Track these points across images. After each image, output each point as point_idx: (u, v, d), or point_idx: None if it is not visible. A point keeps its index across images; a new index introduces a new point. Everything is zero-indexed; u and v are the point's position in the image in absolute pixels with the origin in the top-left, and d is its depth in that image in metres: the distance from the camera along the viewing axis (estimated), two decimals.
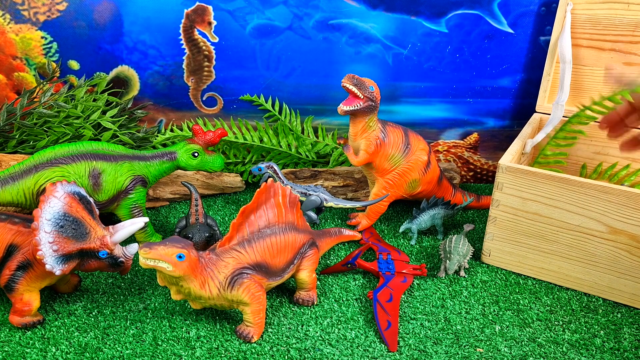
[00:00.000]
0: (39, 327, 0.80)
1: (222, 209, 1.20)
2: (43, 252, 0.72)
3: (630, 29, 1.05)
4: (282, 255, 0.81)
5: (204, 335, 0.80)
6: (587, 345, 0.80)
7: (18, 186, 0.89)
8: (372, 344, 0.79)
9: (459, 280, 0.95)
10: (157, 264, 0.70)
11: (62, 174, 0.90)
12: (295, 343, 0.79)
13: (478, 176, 1.36)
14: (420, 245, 1.06)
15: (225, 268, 0.75)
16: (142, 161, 0.98)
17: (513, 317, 0.86)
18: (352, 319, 0.84)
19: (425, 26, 1.19)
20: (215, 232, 0.98)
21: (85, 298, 0.88)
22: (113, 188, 0.94)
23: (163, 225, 1.12)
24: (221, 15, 1.18)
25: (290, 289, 0.91)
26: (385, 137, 1.03)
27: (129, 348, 0.77)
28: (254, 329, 0.78)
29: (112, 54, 1.21)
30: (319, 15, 1.18)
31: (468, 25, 1.18)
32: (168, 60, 1.22)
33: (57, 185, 0.76)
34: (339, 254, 1.03)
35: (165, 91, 1.26)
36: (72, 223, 0.75)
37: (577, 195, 0.85)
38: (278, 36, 1.21)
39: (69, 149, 0.92)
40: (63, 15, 1.16)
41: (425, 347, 0.79)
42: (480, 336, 0.81)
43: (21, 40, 1.18)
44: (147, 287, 0.91)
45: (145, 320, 0.83)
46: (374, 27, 1.19)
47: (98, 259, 0.77)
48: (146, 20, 1.18)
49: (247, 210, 0.79)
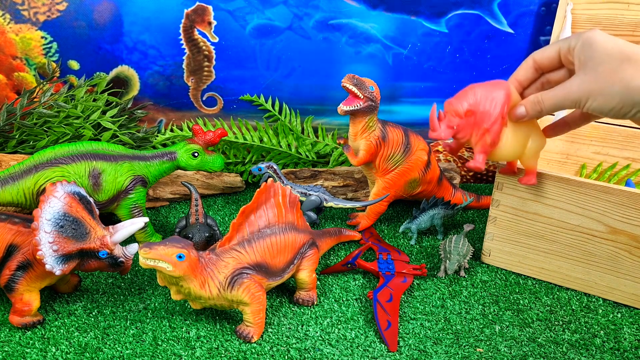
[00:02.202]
0: (39, 327, 0.80)
1: (222, 209, 1.19)
2: (43, 252, 0.72)
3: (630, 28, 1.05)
4: (282, 255, 0.81)
5: (204, 335, 0.80)
6: (587, 345, 0.80)
7: (18, 186, 0.89)
8: (372, 344, 0.79)
9: (458, 280, 0.95)
10: (157, 264, 0.70)
11: (62, 174, 0.90)
12: (295, 343, 0.79)
13: (478, 176, 1.36)
14: (420, 245, 1.06)
15: (225, 268, 0.75)
16: (142, 161, 0.98)
17: (513, 317, 0.86)
18: (352, 319, 0.84)
19: (425, 26, 1.19)
20: (215, 232, 0.98)
21: (85, 298, 0.88)
22: (113, 188, 0.94)
23: (163, 225, 1.12)
24: (221, 15, 1.18)
25: (290, 289, 0.91)
26: (385, 137, 1.03)
27: (129, 348, 0.77)
28: (254, 329, 0.78)
29: (112, 54, 1.21)
30: (319, 15, 1.18)
31: (468, 25, 1.18)
32: (168, 60, 1.22)
33: (57, 185, 0.76)
34: (339, 254, 1.03)
35: (165, 91, 1.26)
36: (72, 223, 0.75)
37: (577, 195, 0.85)
38: (278, 36, 1.21)
39: (69, 149, 0.92)
40: (63, 15, 1.16)
41: (425, 347, 0.79)
42: (480, 336, 0.81)
43: (21, 40, 1.18)
44: (147, 287, 0.91)
45: (145, 320, 0.83)
46: (374, 27, 1.19)
47: (98, 259, 0.77)
48: (146, 20, 1.18)
49: (247, 210, 0.78)
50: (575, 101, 0.65)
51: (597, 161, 1.17)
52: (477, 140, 0.74)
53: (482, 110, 0.72)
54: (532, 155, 0.79)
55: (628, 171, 1.14)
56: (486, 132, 0.73)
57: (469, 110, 0.72)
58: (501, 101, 0.72)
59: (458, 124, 0.73)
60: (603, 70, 0.61)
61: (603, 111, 0.63)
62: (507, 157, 0.77)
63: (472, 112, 0.72)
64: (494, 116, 0.72)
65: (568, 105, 0.66)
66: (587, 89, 0.63)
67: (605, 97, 0.62)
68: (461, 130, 0.74)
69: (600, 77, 0.61)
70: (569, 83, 0.66)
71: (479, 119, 0.73)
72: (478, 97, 0.72)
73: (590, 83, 0.62)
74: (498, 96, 0.72)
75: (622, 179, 1.15)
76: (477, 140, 0.74)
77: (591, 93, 0.63)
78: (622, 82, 0.60)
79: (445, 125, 0.74)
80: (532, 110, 0.71)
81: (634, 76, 0.59)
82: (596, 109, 0.64)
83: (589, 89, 0.63)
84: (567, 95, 0.66)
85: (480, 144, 0.74)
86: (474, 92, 0.73)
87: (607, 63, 0.61)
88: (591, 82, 0.62)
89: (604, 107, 0.63)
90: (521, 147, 0.76)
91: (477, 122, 0.73)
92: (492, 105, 0.72)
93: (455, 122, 0.73)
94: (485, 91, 0.72)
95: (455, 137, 0.75)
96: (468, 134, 0.74)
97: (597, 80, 0.62)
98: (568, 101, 0.66)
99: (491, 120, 0.72)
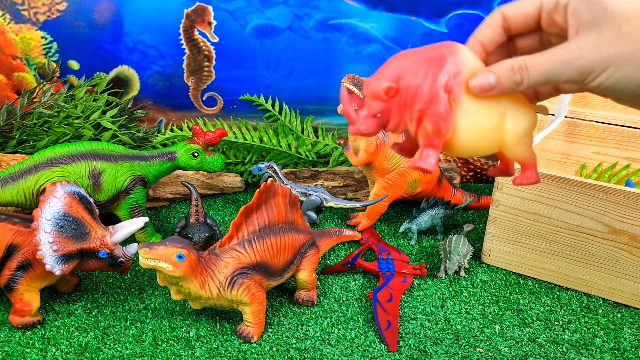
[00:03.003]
0: (39, 327, 0.80)
1: (222, 209, 1.19)
2: (43, 252, 0.72)
3: None
4: (282, 255, 0.81)
5: (204, 335, 0.80)
6: (587, 345, 0.80)
7: (18, 186, 0.89)
8: (372, 344, 0.79)
9: (459, 280, 0.95)
10: (157, 264, 0.70)
11: (62, 174, 0.90)
12: (295, 343, 0.79)
13: (478, 176, 1.36)
14: (420, 245, 1.06)
15: (225, 268, 0.75)
16: (142, 161, 0.98)
17: (513, 317, 0.86)
18: (352, 319, 0.84)
19: (425, 26, 1.19)
20: (215, 232, 0.98)
21: (85, 298, 0.87)
22: (113, 188, 0.94)
23: (163, 225, 1.12)
24: (221, 15, 1.18)
25: (290, 289, 0.91)
26: (385, 137, 1.03)
27: (129, 348, 0.77)
28: (254, 329, 0.78)
29: (112, 54, 1.21)
30: (319, 15, 1.18)
31: (468, 25, 1.18)
32: (168, 60, 1.22)
33: (57, 185, 0.76)
34: (339, 254, 1.03)
35: (165, 91, 1.26)
36: (72, 223, 0.75)
37: (577, 195, 0.85)
38: (278, 36, 1.21)
39: (68, 149, 0.92)
40: (63, 15, 1.16)
41: (425, 347, 0.79)
42: (480, 336, 0.81)
43: (21, 40, 1.18)
44: (147, 287, 0.91)
45: (145, 320, 0.83)
46: (374, 27, 1.19)
47: (98, 259, 0.77)
48: (146, 20, 1.18)
49: (247, 210, 0.78)
50: (583, 71, 0.44)
51: (597, 161, 1.17)
52: (415, 129, 0.51)
53: (409, 85, 0.49)
54: (517, 141, 0.52)
55: (628, 171, 1.14)
56: (423, 117, 0.49)
57: (390, 88, 0.49)
58: (440, 69, 0.48)
59: (382, 110, 0.51)
60: (631, 29, 0.43)
61: (628, 87, 0.44)
62: (475, 150, 0.52)
63: (394, 89, 0.49)
64: (429, 92, 0.48)
65: (568, 75, 0.45)
66: (606, 53, 0.44)
67: (636, 66, 0.43)
68: (388, 118, 0.51)
69: (628, 38, 0.43)
70: (574, 44, 0.45)
71: (409, 99, 0.49)
72: (404, 67, 0.49)
73: (612, 45, 0.43)
74: (435, 62, 0.49)
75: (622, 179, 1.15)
76: (414, 130, 0.51)
77: (615, 59, 0.44)
78: None
79: (367, 114, 0.51)
80: (508, 81, 0.48)
81: None
82: (617, 83, 0.45)
83: (609, 53, 0.44)
84: (571, 60, 0.44)
85: (422, 136, 0.50)
86: (399, 61, 0.50)
87: (636, 20, 0.43)
88: (614, 43, 0.43)
89: (632, 80, 0.44)
90: (493, 132, 0.51)
91: (406, 103, 0.50)
92: (424, 75, 0.48)
93: (377, 108, 0.50)
94: (415, 58, 0.49)
95: (386, 128, 0.52)
96: (401, 123, 0.51)
97: (623, 42, 0.43)
98: (571, 69, 0.45)
99: (424, 99, 0.48)
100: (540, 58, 0.46)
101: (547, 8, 0.49)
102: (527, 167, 0.55)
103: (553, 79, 0.46)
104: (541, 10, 0.49)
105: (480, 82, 0.48)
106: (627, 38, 0.43)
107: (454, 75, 0.49)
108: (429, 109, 0.49)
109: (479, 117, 0.50)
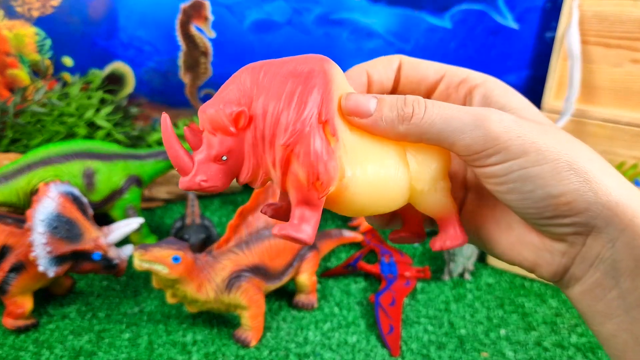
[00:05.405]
0: (33, 330, 0.79)
1: (219, 210, 1.18)
2: (37, 253, 0.71)
3: (637, 25, 1.02)
4: (281, 258, 0.79)
5: (201, 340, 0.78)
6: (593, 349, 0.78)
7: (11, 186, 0.87)
8: (373, 349, 0.77)
9: (463, 283, 0.93)
10: (152, 267, 0.69)
11: (56, 173, 0.88)
12: (294, 348, 0.77)
13: None
14: (423, 247, 1.05)
15: (223, 270, 0.74)
16: (136, 160, 0.96)
17: (518, 321, 0.84)
18: (354, 323, 0.83)
19: (428, 22, 1.16)
20: (212, 234, 0.97)
21: (80, 301, 0.86)
22: (107, 188, 0.92)
23: (158, 226, 1.10)
24: (218, 10, 1.16)
25: (289, 292, 0.90)
26: None
27: (124, 352, 0.75)
28: (252, 333, 0.77)
29: (106, 50, 1.19)
30: (319, 10, 1.16)
31: (472, 20, 1.16)
32: (164, 56, 1.20)
33: (51, 185, 0.75)
34: (340, 256, 1.01)
35: (161, 88, 1.24)
36: (66, 224, 0.74)
37: None
38: (277, 31, 1.19)
39: (62, 148, 0.90)
40: (57, 11, 1.14)
41: (428, 352, 0.77)
42: (485, 340, 0.80)
43: (15, 36, 1.16)
44: (143, 290, 0.89)
45: (140, 324, 0.81)
46: (376, 22, 1.17)
47: (92, 261, 0.75)
48: (142, 15, 1.16)
49: (244, 211, 0.77)
50: (460, 129, 0.35)
51: None
52: (280, 178, 0.33)
53: (266, 111, 0.33)
54: (431, 185, 0.37)
55: (635, 171, 1.13)
56: (290, 157, 0.32)
57: (240, 114, 0.32)
58: (311, 90, 0.33)
59: (229, 149, 0.33)
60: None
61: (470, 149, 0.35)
62: (374, 205, 0.35)
63: (246, 116, 0.33)
64: (296, 120, 0.32)
65: (450, 131, 0.34)
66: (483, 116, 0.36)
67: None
68: (239, 161, 0.34)
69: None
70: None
71: (267, 131, 0.33)
72: (258, 85, 0.33)
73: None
74: (303, 80, 0.33)
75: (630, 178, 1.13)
76: (280, 179, 0.33)
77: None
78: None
79: (205, 157, 0.33)
80: (392, 110, 0.35)
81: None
82: (467, 145, 0.35)
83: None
84: (463, 115, 0.35)
85: (293, 188, 0.33)
86: (249, 76, 0.34)
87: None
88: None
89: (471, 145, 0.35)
90: (395, 177, 0.35)
91: (264, 138, 0.33)
92: (288, 97, 0.32)
93: (221, 147, 0.33)
94: (275, 72, 0.33)
95: (239, 178, 0.35)
96: (259, 169, 0.34)
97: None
98: (461, 123, 0.34)
99: (289, 129, 0.32)
100: (447, 104, 0.36)
101: (449, 80, 0.41)
102: (447, 223, 0.39)
103: (453, 132, 0.35)
104: (442, 79, 0.42)
105: (356, 102, 0.35)
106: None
107: (328, 100, 0.33)
108: (299, 146, 0.32)
109: (373, 156, 0.35)
